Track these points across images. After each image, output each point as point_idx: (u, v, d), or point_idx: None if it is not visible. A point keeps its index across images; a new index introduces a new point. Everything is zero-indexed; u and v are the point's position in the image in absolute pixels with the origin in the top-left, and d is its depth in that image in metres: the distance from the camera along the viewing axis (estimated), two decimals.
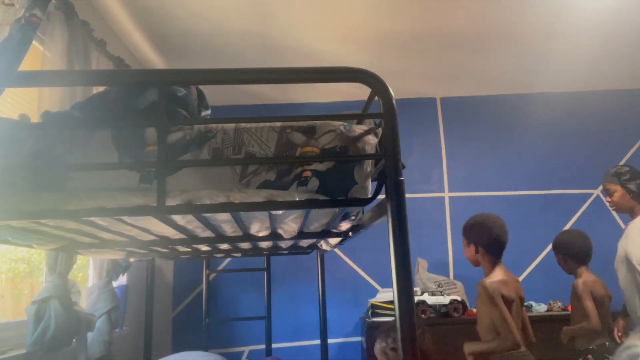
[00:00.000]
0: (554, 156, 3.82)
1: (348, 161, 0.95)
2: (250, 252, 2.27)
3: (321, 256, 2.53)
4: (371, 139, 0.97)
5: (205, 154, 0.94)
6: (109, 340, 2.17)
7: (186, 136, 0.95)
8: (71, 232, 1.33)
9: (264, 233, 1.52)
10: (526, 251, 3.65)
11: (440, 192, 3.79)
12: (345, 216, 1.34)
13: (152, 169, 0.93)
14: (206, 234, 1.50)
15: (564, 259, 2.54)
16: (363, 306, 3.51)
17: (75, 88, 1.96)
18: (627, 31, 2.90)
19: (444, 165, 3.84)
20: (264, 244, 2.00)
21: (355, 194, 0.96)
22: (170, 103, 1.13)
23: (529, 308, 3.38)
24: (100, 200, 0.92)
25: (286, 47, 2.96)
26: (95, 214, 0.94)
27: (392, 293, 0.84)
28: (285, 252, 2.33)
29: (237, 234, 1.51)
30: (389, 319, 3.04)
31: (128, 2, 2.43)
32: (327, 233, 1.56)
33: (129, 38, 2.77)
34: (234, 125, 0.97)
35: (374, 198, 0.99)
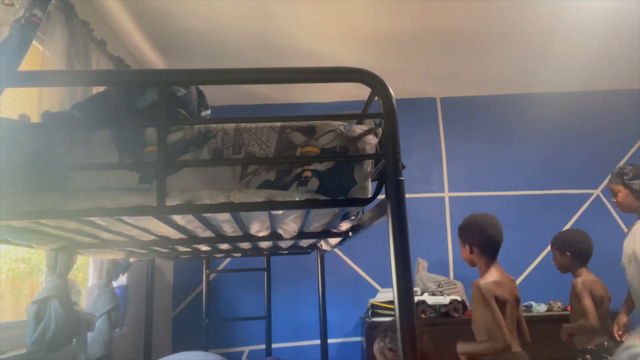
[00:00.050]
0: (554, 156, 3.81)
1: (348, 161, 0.95)
2: (250, 252, 2.27)
3: (321, 256, 2.53)
4: (371, 139, 0.97)
5: (205, 154, 0.94)
6: (109, 340, 2.17)
7: (186, 136, 0.95)
8: (71, 232, 1.33)
9: (264, 233, 1.52)
10: (526, 251, 3.65)
11: (440, 192, 3.79)
12: (345, 216, 1.34)
13: (152, 169, 0.93)
14: (206, 234, 1.50)
15: (567, 256, 2.52)
16: (363, 306, 3.51)
17: (75, 88, 1.96)
18: (627, 31, 2.90)
19: (444, 165, 3.84)
20: (264, 244, 2.00)
21: (355, 194, 0.96)
22: (170, 103, 1.13)
23: (528, 308, 3.38)
24: (100, 200, 0.92)
25: (286, 48, 2.96)
26: (95, 214, 0.94)
27: (392, 293, 0.84)
28: (285, 252, 2.33)
29: (237, 234, 1.51)
30: (388, 319, 3.04)
31: (128, 2, 2.43)
32: (327, 233, 1.57)
33: (129, 38, 2.77)
34: (234, 125, 0.97)
35: (374, 198, 0.99)
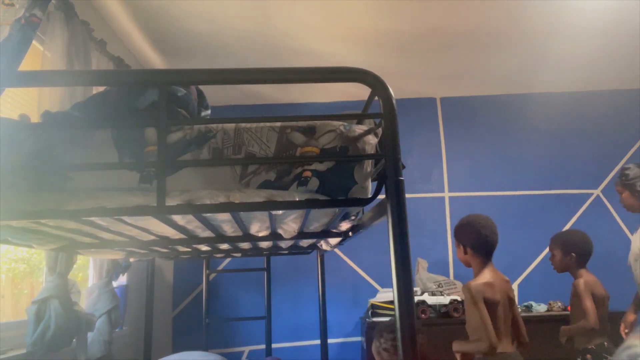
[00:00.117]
0: (553, 156, 3.81)
1: (348, 161, 0.95)
2: (250, 252, 2.27)
3: (321, 256, 2.53)
4: (371, 139, 0.97)
5: (205, 154, 0.94)
6: (109, 340, 2.17)
7: (186, 136, 0.95)
8: (71, 232, 1.33)
9: (264, 233, 1.52)
10: (526, 251, 3.65)
11: (440, 192, 3.79)
12: (345, 216, 1.34)
13: (152, 169, 0.93)
14: (206, 234, 1.50)
15: (570, 257, 2.51)
16: (363, 306, 3.51)
17: (75, 88, 1.96)
18: (627, 31, 2.90)
19: (444, 165, 3.84)
20: (264, 244, 2.00)
21: (355, 194, 0.96)
22: (170, 103, 1.13)
23: (528, 308, 3.38)
24: (100, 200, 0.92)
25: (286, 48, 2.96)
26: (95, 214, 0.94)
27: (392, 293, 0.84)
28: (285, 252, 2.33)
29: (237, 234, 1.51)
30: (387, 319, 3.04)
31: (128, 3, 2.43)
32: (327, 233, 1.57)
33: (129, 38, 2.77)
34: (234, 125, 0.97)
35: (374, 198, 0.99)
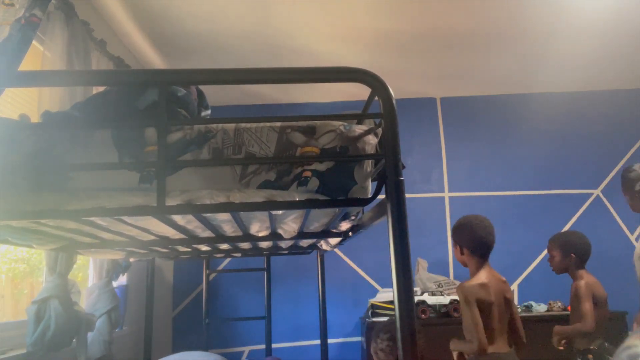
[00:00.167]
0: (553, 156, 3.81)
1: (348, 161, 0.95)
2: (250, 252, 2.27)
3: (321, 256, 2.53)
4: (371, 139, 0.97)
5: (205, 154, 0.94)
6: (109, 340, 2.17)
7: (186, 136, 0.95)
8: (71, 232, 1.33)
9: (264, 233, 1.52)
10: (526, 251, 3.65)
11: (440, 192, 3.79)
12: (345, 216, 1.34)
13: (152, 169, 0.93)
14: (206, 234, 1.50)
15: (571, 258, 2.50)
16: (363, 306, 3.51)
17: (75, 88, 1.96)
18: (627, 31, 2.90)
19: (444, 165, 3.84)
20: (264, 244, 2.00)
21: (355, 194, 0.96)
22: (170, 103, 1.13)
23: (528, 308, 3.38)
24: (100, 200, 0.92)
25: (286, 47, 2.96)
26: (95, 214, 0.94)
27: (392, 293, 0.84)
28: (285, 252, 2.33)
29: (237, 234, 1.51)
30: (386, 319, 3.04)
31: (128, 3, 2.43)
32: (327, 233, 1.57)
33: (129, 38, 2.77)
34: (234, 125, 0.97)
35: (374, 198, 0.99)
